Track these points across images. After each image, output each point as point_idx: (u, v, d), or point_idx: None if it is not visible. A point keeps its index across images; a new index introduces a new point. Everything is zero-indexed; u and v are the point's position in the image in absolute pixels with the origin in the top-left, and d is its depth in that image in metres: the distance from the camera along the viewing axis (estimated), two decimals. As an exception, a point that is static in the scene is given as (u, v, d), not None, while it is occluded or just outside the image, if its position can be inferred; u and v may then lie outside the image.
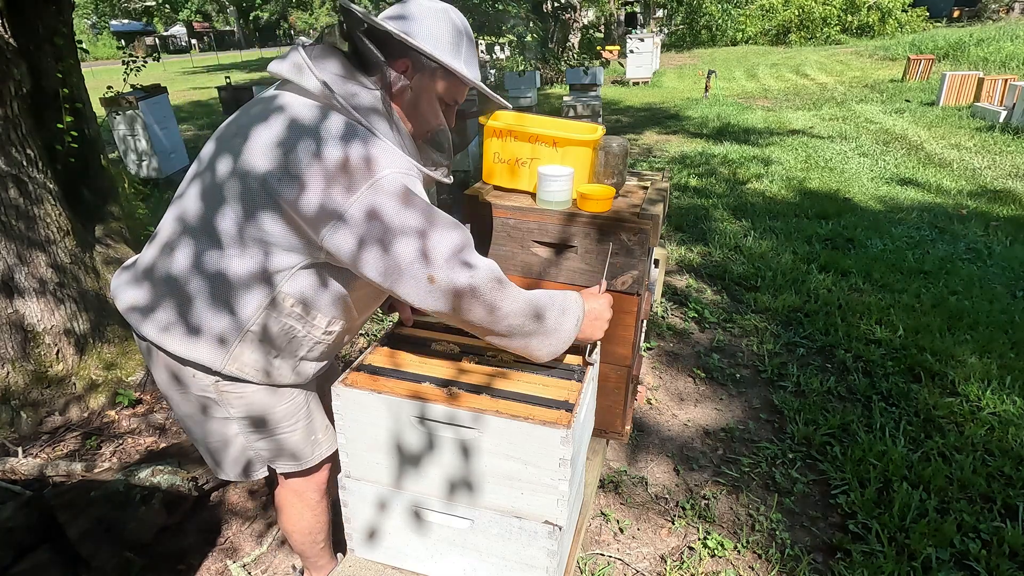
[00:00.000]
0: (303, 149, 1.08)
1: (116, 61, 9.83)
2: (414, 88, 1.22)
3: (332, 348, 1.35)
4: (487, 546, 1.30)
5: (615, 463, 2.42)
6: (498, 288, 1.16)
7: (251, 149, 1.12)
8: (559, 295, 1.28)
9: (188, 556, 2.00)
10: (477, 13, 8.06)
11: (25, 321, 2.50)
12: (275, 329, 1.21)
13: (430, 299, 1.13)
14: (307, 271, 1.18)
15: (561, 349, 1.28)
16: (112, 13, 24.94)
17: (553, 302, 1.25)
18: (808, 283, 3.87)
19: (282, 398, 1.33)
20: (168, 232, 1.23)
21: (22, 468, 2.20)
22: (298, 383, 1.33)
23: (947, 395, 2.76)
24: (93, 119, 3.21)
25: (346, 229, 1.08)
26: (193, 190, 1.21)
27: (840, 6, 24.36)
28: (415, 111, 1.24)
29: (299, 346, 1.26)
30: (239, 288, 1.17)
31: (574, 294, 1.32)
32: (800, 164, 6.99)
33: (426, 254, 1.10)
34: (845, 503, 2.17)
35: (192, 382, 1.27)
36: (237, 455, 1.39)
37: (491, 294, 1.15)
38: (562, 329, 1.26)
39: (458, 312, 1.15)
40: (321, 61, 1.17)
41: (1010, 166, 6.76)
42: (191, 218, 1.19)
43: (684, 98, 12.94)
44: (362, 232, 1.08)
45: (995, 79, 9.72)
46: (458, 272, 1.11)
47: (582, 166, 1.72)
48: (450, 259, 1.11)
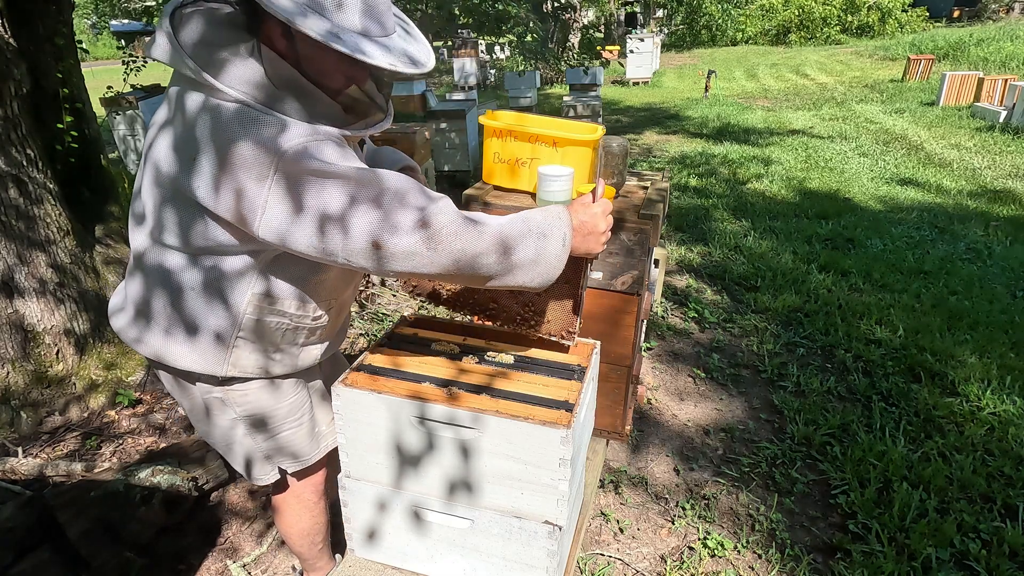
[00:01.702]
0: (201, 151, 1.01)
1: (116, 61, 9.82)
2: (298, 48, 1.05)
3: (331, 327, 1.35)
4: (487, 546, 1.30)
5: (615, 463, 2.42)
6: (460, 232, 1.03)
7: (162, 159, 1.08)
8: (537, 216, 1.13)
9: (188, 556, 2.00)
10: (477, 13, 8.05)
11: (25, 321, 2.50)
12: (265, 327, 1.21)
13: (386, 266, 1.02)
14: (271, 267, 1.15)
15: (554, 275, 1.14)
16: (112, 13, 24.89)
17: (529, 228, 1.10)
18: (808, 283, 3.87)
19: (286, 394, 1.34)
20: (135, 251, 1.22)
21: (22, 468, 2.20)
22: (308, 366, 1.34)
23: (947, 395, 2.76)
24: (93, 119, 3.21)
25: (273, 219, 1.00)
26: (138, 208, 1.18)
27: (840, 6, 24.35)
28: (312, 71, 1.07)
29: (296, 336, 1.26)
30: (215, 298, 1.16)
31: (557, 209, 1.16)
32: (800, 164, 6.99)
33: (360, 223, 0.99)
34: (845, 503, 2.17)
35: (196, 388, 1.27)
36: (245, 455, 1.40)
37: (452, 241, 1.02)
38: (546, 255, 1.11)
39: (421, 269, 1.03)
40: (195, 30, 1.04)
41: (1010, 166, 6.76)
42: (147, 238, 1.17)
43: (684, 98, 12.94)
44: (289, 219, 1.00)
45: (995, 79, 9.72)
46: (403, 233, 1.00)
47: (582, 166, 1.72)
48: (389, 219, 0.99)
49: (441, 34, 14.69)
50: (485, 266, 1.07)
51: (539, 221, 1.12)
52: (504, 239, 1.07)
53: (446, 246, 1.02)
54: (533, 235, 1.10)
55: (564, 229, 1.13)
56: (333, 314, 1.31)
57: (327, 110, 1.08)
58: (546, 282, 1.15)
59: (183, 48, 1.02)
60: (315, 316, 1.26)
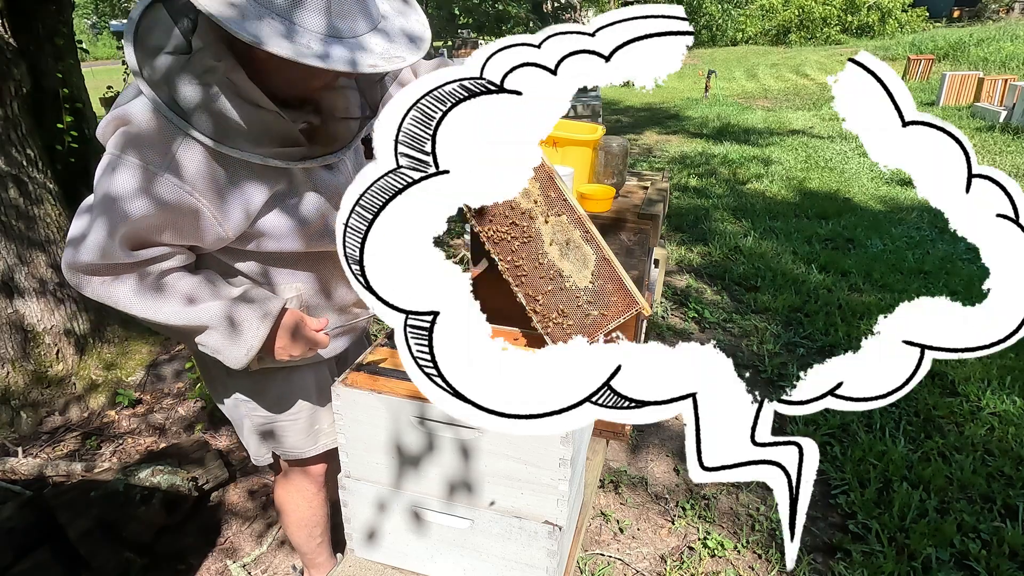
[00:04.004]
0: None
1: (116, 61, 9.83)
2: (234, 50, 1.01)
3: (326, 306, 1.34)
4: (487, 546, 1.30)
5: (615, 463, 2.42)
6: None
7: None
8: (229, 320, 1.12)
9: (188, 556, 2.00)
10: (477, 13, 8.05)
11: (25, 321, 2.50)
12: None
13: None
14: (229, 262, 1.20)
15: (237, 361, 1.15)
16: (112, 13, 24.94)
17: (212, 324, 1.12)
18: (808, 283, 3.87)
19: (273, 384, 1.36)
20: None
21: (22, 468, 2.20)
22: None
23: (947, 395, 2.76)
24: (93, 119, 3.21)
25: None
26: None
27: (840, 6, 24.34)
28: (259, 78, 1.03)
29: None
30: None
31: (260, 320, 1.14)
32: (800, 164, 6.99)
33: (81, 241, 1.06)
34: (845, 503, 2.17)
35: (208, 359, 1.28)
36: (246, 433, 1.43)
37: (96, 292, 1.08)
38: (226, 355, 1.14)
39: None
40: (151, 31, 1.03)
41: (1010, 166, 6.76)
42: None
43: (684, 98, 12.94)
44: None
45: (995, 79, 9.71)
46: (76, 280, 1.08)
47: (582, 166, 1.72)
48: (75, 263, 1.06)
49: (441, 34, 14.69)
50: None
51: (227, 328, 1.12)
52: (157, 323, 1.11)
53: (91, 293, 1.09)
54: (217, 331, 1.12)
55: (252, 343, 1.13)
56: (312, 291, 1.29)
57: (259, 119, 1.05)
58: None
59: (134, 60, 1.06)
60: (294, 298, 1.27)
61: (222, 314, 1.11)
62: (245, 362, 1.14)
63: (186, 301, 1.10)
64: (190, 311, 1.10)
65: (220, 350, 1.13)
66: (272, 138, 1.06)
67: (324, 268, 1.28)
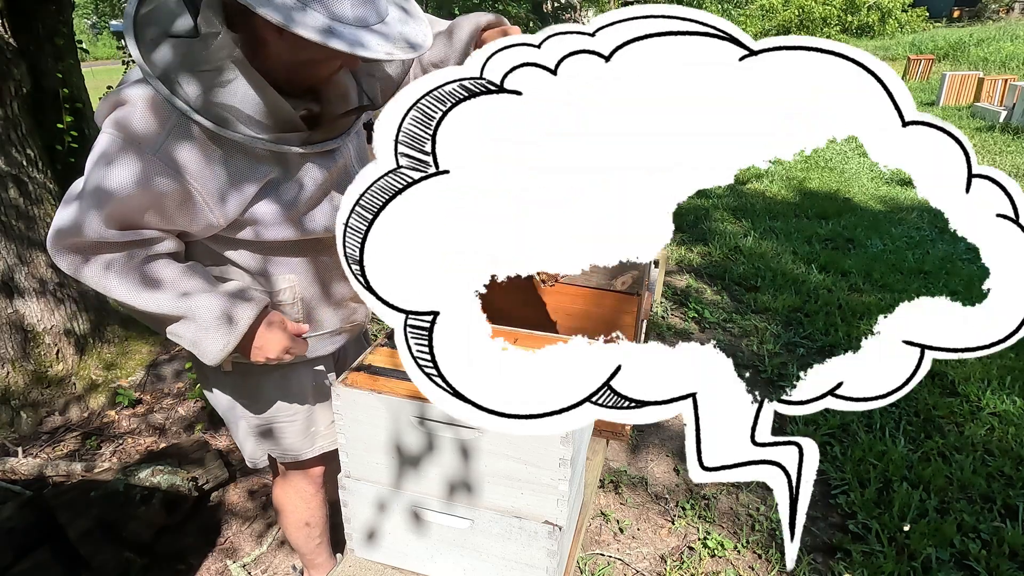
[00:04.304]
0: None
1: (116, 61, 9.82)
2: (247, 35, 1.02)
3: (307, 319, 1.33)
4: (487, 546, 1.30)
5: (615, 463, 2.42)
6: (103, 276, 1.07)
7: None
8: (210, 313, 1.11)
9: (188, 556, 2.00)
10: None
11: (25, 321, 2.50)
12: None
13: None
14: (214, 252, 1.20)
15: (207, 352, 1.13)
16: (112, 13, 24.95)
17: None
18: (808, 283, 3.87)
19: (289, 384, 1.36)
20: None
21: (22, 468, 2.20)
22: (320, 336, 1.35)
23: (947, 395, 2.76)
24: (93, 119, 3.21)
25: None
26: None
27: (840, 6, 24.34)
28: (273, 62, 1.05)
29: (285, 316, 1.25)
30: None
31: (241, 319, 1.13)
32: (800, 164, 6.99)
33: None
34: (845, 503, 2.17)
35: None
36: (241, 433, 1.43)
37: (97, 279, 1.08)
38: (203, 348, 1.12)
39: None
40: (154, 13, 1.04)
41: (1010, 166, 6.76)
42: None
43: (684, 98, 12.93)
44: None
45: (995, 79, 9.72)
46: (59, 257, 1.07)
47: (582, 166, 1.72)
48: (60, 237, 1.05)
49: (441, 34, 14.67)
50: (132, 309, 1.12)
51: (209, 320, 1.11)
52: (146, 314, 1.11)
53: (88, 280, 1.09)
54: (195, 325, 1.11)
55: (228, 339, 1.11)
56: (305, 286, 1.28)
57: (264, 103, 1.05)
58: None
59: (136, 48, 1.05)
60: (285, 296, 1.26)
61: (202, 305, 1.10)
62: (220, 357, 1.13)
63: (168, 288, 1.09)
64: (169, 299, 1.09)
65: (197, 343, 1.12)
66: (274, 123, 1.06)
67: (319, 259, 1.27)
